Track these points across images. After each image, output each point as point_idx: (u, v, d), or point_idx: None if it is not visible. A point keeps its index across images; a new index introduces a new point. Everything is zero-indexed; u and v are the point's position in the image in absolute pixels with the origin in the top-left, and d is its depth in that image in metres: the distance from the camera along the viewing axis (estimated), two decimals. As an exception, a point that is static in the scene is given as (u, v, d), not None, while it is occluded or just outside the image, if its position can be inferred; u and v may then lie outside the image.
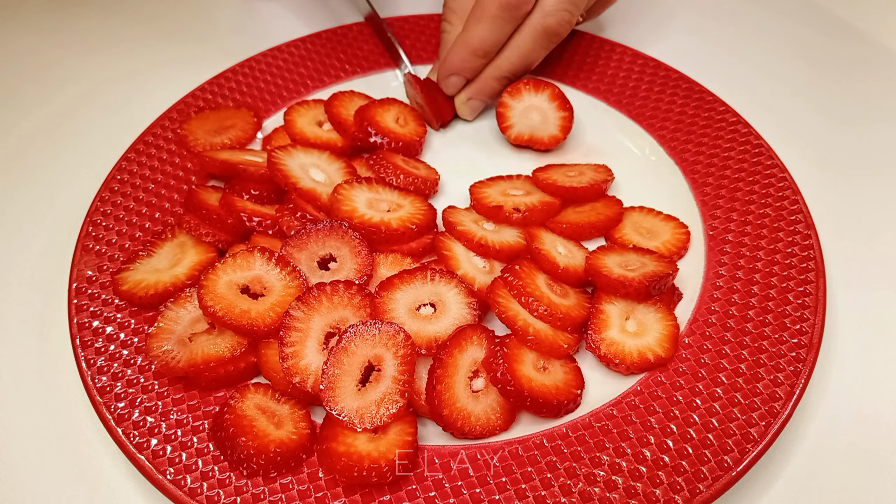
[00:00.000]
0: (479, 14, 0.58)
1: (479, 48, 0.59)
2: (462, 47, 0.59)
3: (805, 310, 0.47)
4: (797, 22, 0.77)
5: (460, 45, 0.59)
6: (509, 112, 0.60)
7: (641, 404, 0.44)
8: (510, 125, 0.61)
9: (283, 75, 0.66)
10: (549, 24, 0.58)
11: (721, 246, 0.52)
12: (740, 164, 0.57)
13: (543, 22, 0.58)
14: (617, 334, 0.47)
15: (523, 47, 0.59)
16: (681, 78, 0.64)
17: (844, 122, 0.66)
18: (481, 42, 0.58)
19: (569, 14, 0.58)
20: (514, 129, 0.61)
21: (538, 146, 0.61)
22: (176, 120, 0.62)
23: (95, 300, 0.49)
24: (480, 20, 0.58)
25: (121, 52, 0.76)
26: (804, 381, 0.44)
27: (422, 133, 0.61)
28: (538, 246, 0.50)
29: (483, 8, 0.57)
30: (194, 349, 0.45)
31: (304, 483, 0.41)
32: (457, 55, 0.60)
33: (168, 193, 0.57)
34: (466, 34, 0.59)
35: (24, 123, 0.69)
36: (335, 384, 0.42)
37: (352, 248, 0.49)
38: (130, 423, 0.43)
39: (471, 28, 0.58)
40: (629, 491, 0.40)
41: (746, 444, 0.41)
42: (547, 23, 0.58)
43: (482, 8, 0.58)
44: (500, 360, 0.44)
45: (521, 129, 0.61)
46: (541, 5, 0.58)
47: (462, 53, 0.59)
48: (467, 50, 0.59)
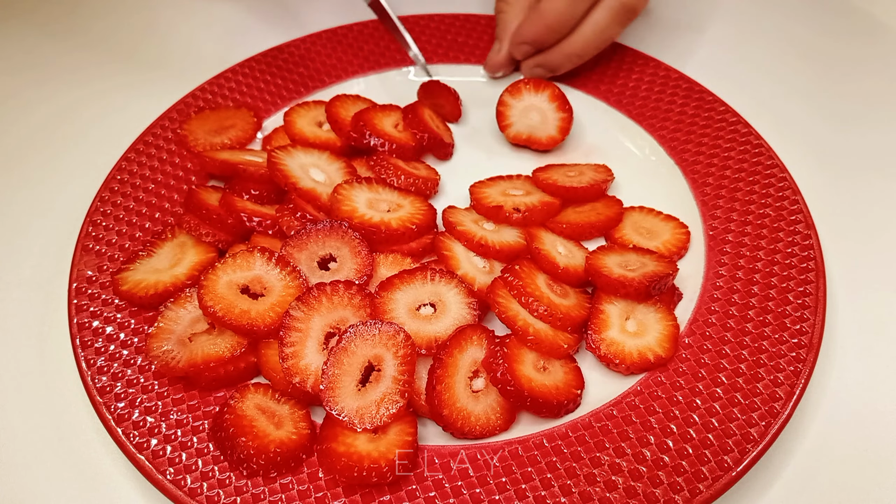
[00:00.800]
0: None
1: (554, 23, 0.58)
2: (538, 20, 0.59)
3: (805, 310, 0.47)
4: (797, 22, 0.77)
5: (536, 17, 0.59)
6: (509, 111, 0.60)
7: (641, 404, 0.44)
8: (509, 124, 0.61)
9: (283, 75, 0.66)
10: (628, 1, 0.58)
11: (721, 246, 0.52)
12: (740, 164, 0.57)
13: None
14: (617, 334, 0.47)
15: (600, 23, 0.59)
16: (681, 78, 0.64)
17: (844, 122, 0.66)
18: (558, 16, 0.58)
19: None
20: (514, 129, 0.61)
21: (536, 146, 0.61)
22: (176, 120, 0.62)
23: (95, 300, 0.49)
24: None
25: (121, 51, 0.76)
26: (804, 381, 0.44)
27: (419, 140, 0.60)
28: (538, 246, 0.50)
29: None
30: (194, 349, 0.45)
31: (304, 483, 0.41)
32: (532, 27, 0.59)
33: (168, 193, 0.57)
34: (544, 8, 0.58)
35: (24, 123, 0.69)
36: (335, 384, 0.42)
37: (352, 248, 0.49)
38: (130, 423, 0.43)
39: (548, 2, 0.58)
40: (629, 491, 0.40)
41: (746, 444, 0.41)
42: (627, 0, 0.58)
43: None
44: (500, 360, 0.44)
45: (519, 128, 0.61)
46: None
47: (537, 26, 0.59)
48: (543, 24, 0.59)
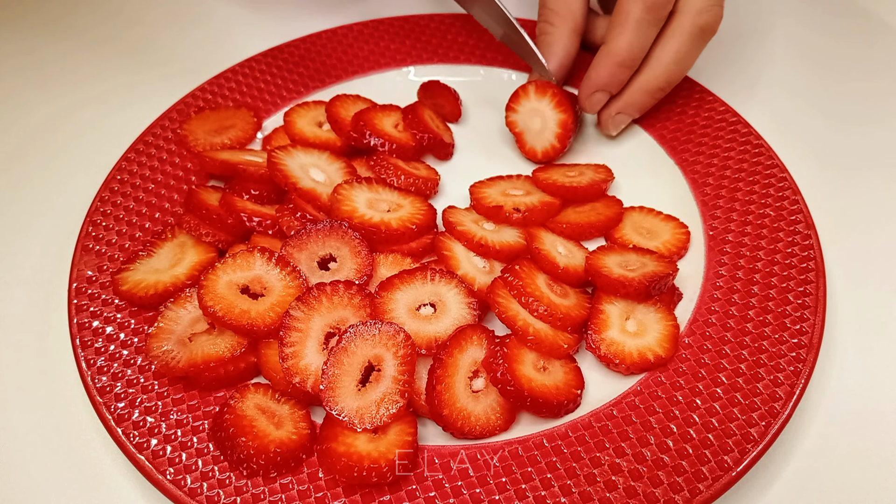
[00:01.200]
0: (622, 21, 0.54)
1: (626, 58, 0.54)
2: (608, 60, 0.55)
3: (805, 310, 0.47)
4: (798, 22, 0.77)
5: (606, 58, 0.55)
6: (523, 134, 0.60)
7: (641, 404, 0.44)
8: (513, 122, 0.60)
9: (283, 75, 0.66)
10: (705, 21, 0.54)
11: (721, 246, 0.52)
12: (740, 164, 0.57)
13: (699, 20, 0.54)
14: (617, 334, 0.47)
15: (680, 51, 0.55)
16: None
17: (845, 122, 0.66)
18: (629, 50, 0.54)
19: (720, 8, 0.54)
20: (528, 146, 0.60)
21: (531, 156, 0.61)
22: (176, 120, 0.62)
23: (95, 300, 0.49)
24: (625, 27, 0.53)
25: (121, 52, 0.76)
26: (804, 381, 0.44)
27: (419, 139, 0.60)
28: (538, 246, 0.50)
29: (626, 14, 0.53)
30: (194, 349, 0.45)
31: (304, 483, 0.41)
32: (604, 69, 0.55)
33: (168, 193, 0.57)
34: (612, 45, 0.54)
35: (24, 123, 0.68)
36: (335, 384, 0.42)
37: (352, 248, 0.49)
38: (130, 423, 0.43)
39: (616, 38, 0.54)
40: (629, 491, 0.40)
41: (746, 444, 0.41)
42: (703, 20, 0.54)
43: (625, 14, 0.53)
44: (500, 360, 0.44)
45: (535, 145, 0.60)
46: (688, 5, 0.54)
47: (610, 67, 0.55)
48: (615, 62, 0.55)
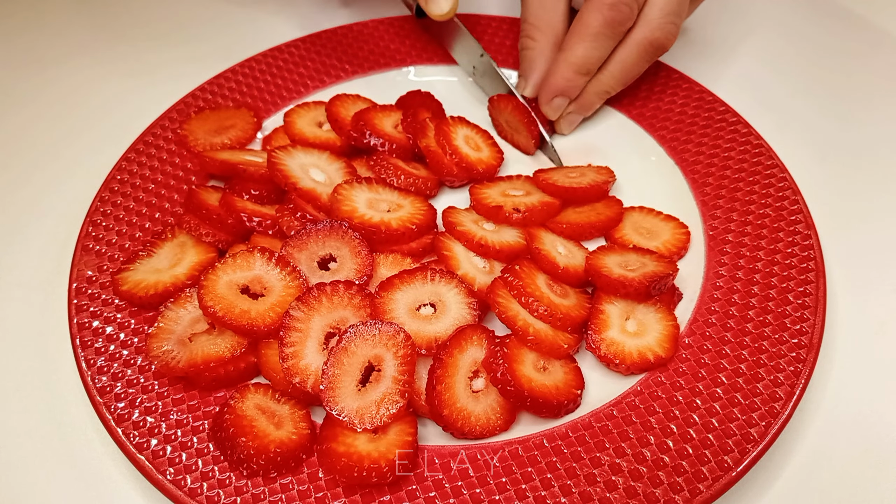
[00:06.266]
0: (581, 32, 0.57)
1: (583, 66, 0.58)
2: (566, 67, 0.58)
3: (805, 310, 0.47)
4: (798, 21, 0.77)
5: (564, 65, 0.58)
6: None
7: (641, 404, 0.44)
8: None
9: (283, 75, 0.66)
10: (656, 37, 0.57)
11: (721, 246, 0.52)
12: (740, 164, 0.57)
13: (650, 36, 0.57)
14: (617, 334, 0.47)
15: (627, 62, 0.59)
16: (681, 78, 0.64)
17: (845, 122, 0.66)
18: (586, 60, 0.58)
19: (674, 26, 0.57)
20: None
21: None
22: (176, 120, 0.62)
23: (95, 300, 0.49)
24: (584, 38, 0.57)
25: (121, 51, 0.76)
26: (804, 381, 0.44)
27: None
28: (538, 246, 0.50)
29: (586, 26, 0.57)
30: (194, 349, 0.45)
31: (304, 483, 0.41)
32: (561, 76, 0.59)
33: (168, 193, 0.57)
34: (570, 53, 0.58)
35: (24, 123, 0.68)
36: (335, 384, 0.42)
37: (352, 249, 0.49)
38: (130, 423, 0.43)
39: (574, 47, 0.58)
40: (629, 491, 0.40)
41: (746, 444, 0.41)
42: (654, 36, 0.57)
43: (585, 26, 0.57)
44: (500, 360, 0.44)
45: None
46: (645, 19, 0.57)
47: (567, 73, 0.58)
48: (572, 69, 0.58)
